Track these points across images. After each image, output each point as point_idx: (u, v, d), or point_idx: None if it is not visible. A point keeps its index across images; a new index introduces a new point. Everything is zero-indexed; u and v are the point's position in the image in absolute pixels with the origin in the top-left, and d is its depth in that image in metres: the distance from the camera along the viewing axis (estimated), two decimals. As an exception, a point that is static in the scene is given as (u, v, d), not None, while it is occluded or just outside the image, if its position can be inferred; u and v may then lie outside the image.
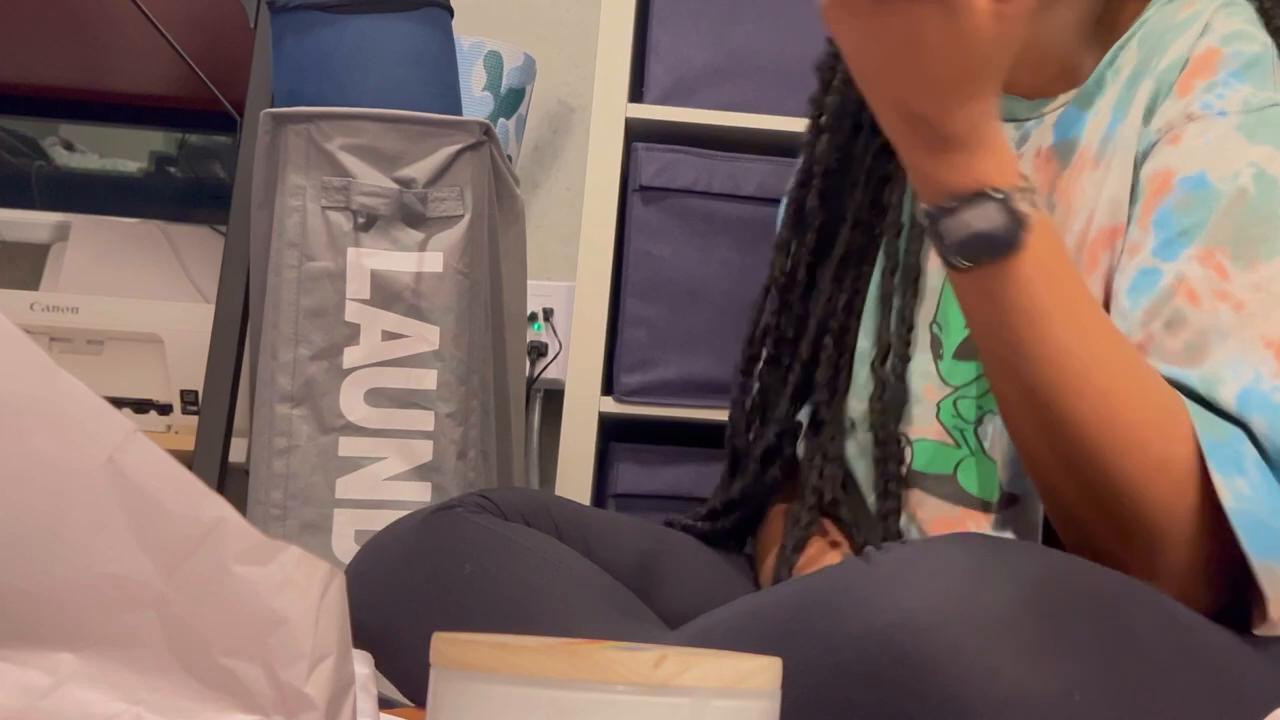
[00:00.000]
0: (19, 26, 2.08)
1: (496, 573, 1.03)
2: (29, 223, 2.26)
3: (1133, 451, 0.89)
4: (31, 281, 2.22)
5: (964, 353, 1.08)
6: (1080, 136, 1.05)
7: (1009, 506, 1.05)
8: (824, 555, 1.10)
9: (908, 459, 1.08)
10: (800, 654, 0.75)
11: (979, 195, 0.87)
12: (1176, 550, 0.91)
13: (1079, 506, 0.93)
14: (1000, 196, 0.87)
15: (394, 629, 1.02)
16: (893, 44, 0.85)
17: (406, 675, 1.02)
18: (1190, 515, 0.90)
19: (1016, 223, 0.87)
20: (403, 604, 1.04)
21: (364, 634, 1.07)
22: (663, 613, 1.04)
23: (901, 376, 1.09)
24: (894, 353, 1.09)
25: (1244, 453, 0.89)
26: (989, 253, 0.87)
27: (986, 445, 1.06)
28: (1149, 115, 1.01)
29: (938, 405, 1.08)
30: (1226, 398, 0.91)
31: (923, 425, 1.08)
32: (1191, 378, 0.92)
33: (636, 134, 1.86)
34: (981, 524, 1.06)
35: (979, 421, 1.07)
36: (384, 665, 1.07)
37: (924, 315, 1.11)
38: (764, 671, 0.59)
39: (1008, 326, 0.90)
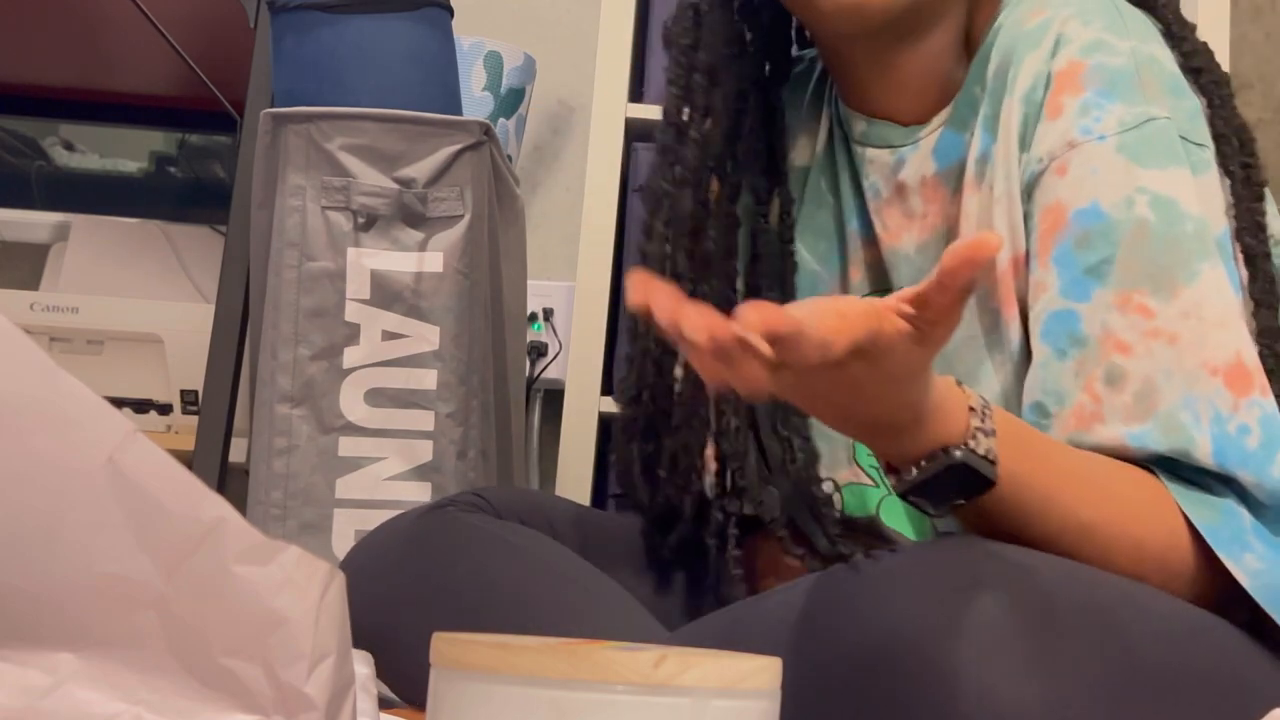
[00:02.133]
0: (19, 26, 2.08)
1: (490, 572, 1.03)
2: (29, 223, 2.26)
3: (1128, 554, 0.88)
4: (31, 281, 2.22)
5: None
6: (962, 160, 1.03)
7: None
8: None
9: (838, 504, 1.06)
10: (789, 669, 0.74)
11: (940, 454, 0.83)
12: (1211, 598, 0.90)
13: None
14: (960, 451, 0.83)
15: (387, 628, 1.01)
16: (825, 389, 0.80)
17: (400, 674, 1.02)
18: (1193, 578, 0.89)
19: (984, 465, 0.84)
20: (396, 603, 1.03)
21: (356, 632, 1.06)
22: (657, 612, 1.04)
23: (806, 436, 1.06)
24: (794, 412, 1.06)
25: (1241, 525, 0.89)
26: (968, 496, 0.85)
27: None
28: (1024, 141, 0.98)
29: (853, 447, 1.06)
30: (1203, 458, 0.89)
31: (839, 469, 1.06)
32: (1158, 440, 0.90)
33: (636, 134, 1.86)
34: None
35: None
36: (377, 664, 1.07)
37: None
38: (764, 671, 0.59)
39: (997, 529, 0.87)
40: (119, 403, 2.01)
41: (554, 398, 2.10)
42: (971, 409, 0.84)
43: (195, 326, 1.89)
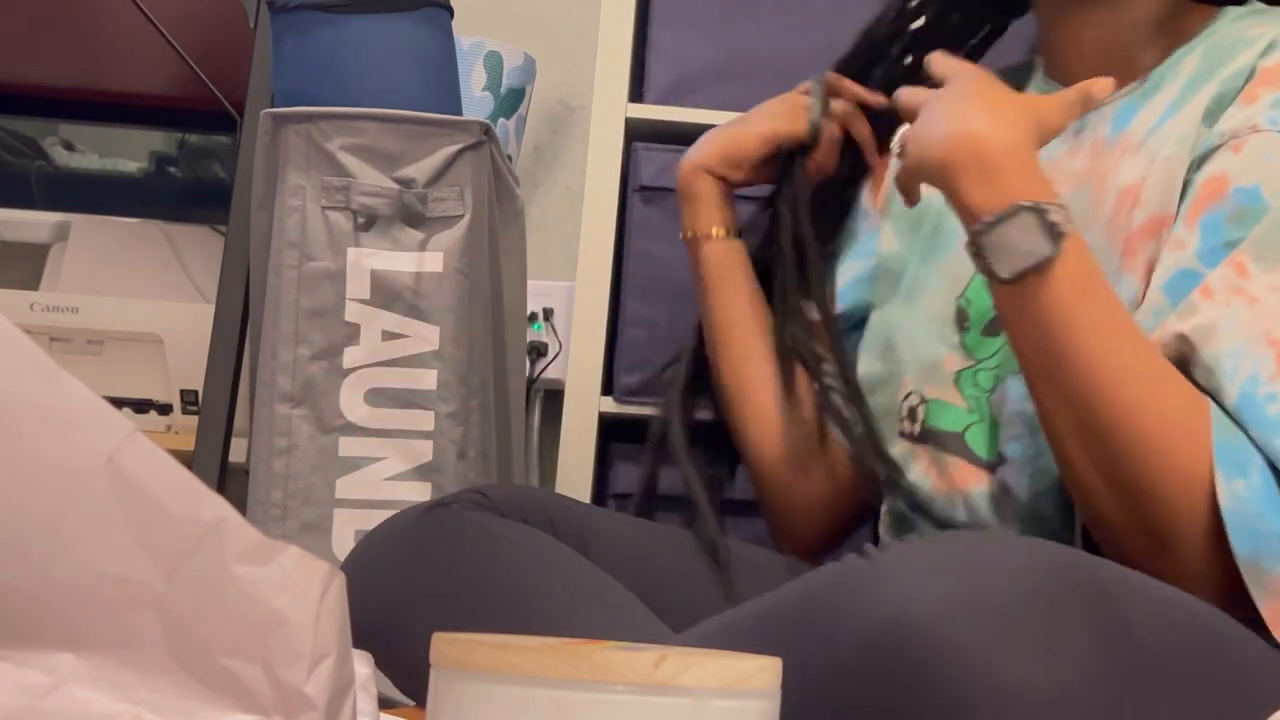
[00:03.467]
0: (19, 26, 2.08)
1: (492, 571, 1.03)
2: (29, 223, 2.26)
3: (1157, 459, 0.94)
4: (31, 281, 2.22)
5: (992, 330, 1.13)
6: (1130, 127, 1.10)
7: (1001, 465, 1.10)
8: None
9: (921, 417, 1.15)
10: (801, 653, 0.76)
11: (1015, 209, 0.95)
12: (1195, 548, 0.94)
13: (1109, 507, 0.98)
14: (1032, 207, 0.94)
15: (389, 625, 1.02)
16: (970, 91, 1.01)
17: (401, 671, 1.02)
18: (1208, 515, 0.93)
19: (1052, 233, 0.94)
20: (399, 600, 1.04)
21: (359, 630, 1.07)
22: (661, 611, 1.04)
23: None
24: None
25: (1251, 458, 0.93)
26: (1027, 261, 0.94)
27: (994, 409, 1.11)
28: (1210, 117, 1.04)
29: (957, 374, 1.14)
30: (1227, 405, 0.95)
31: (940, 388, 1.14)
32: (1199, 376, 0.96)
33: (636, 134, 1.86)
34: (982, 481, 1.10)
35: (993, 390, 1.11)
36: (379, 661, 1.07)
37: (952, 290, 1.17)
38: (764, 671, 0.59)
39: (1045, 339, 0.96)
40: (119, 403, 2.01)
41: (554, 398, 2.10)
42: (1060, 197, 0.96)
43: (195, 326, 1.89)
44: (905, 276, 1.23)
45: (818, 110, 1.28)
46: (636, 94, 1.88)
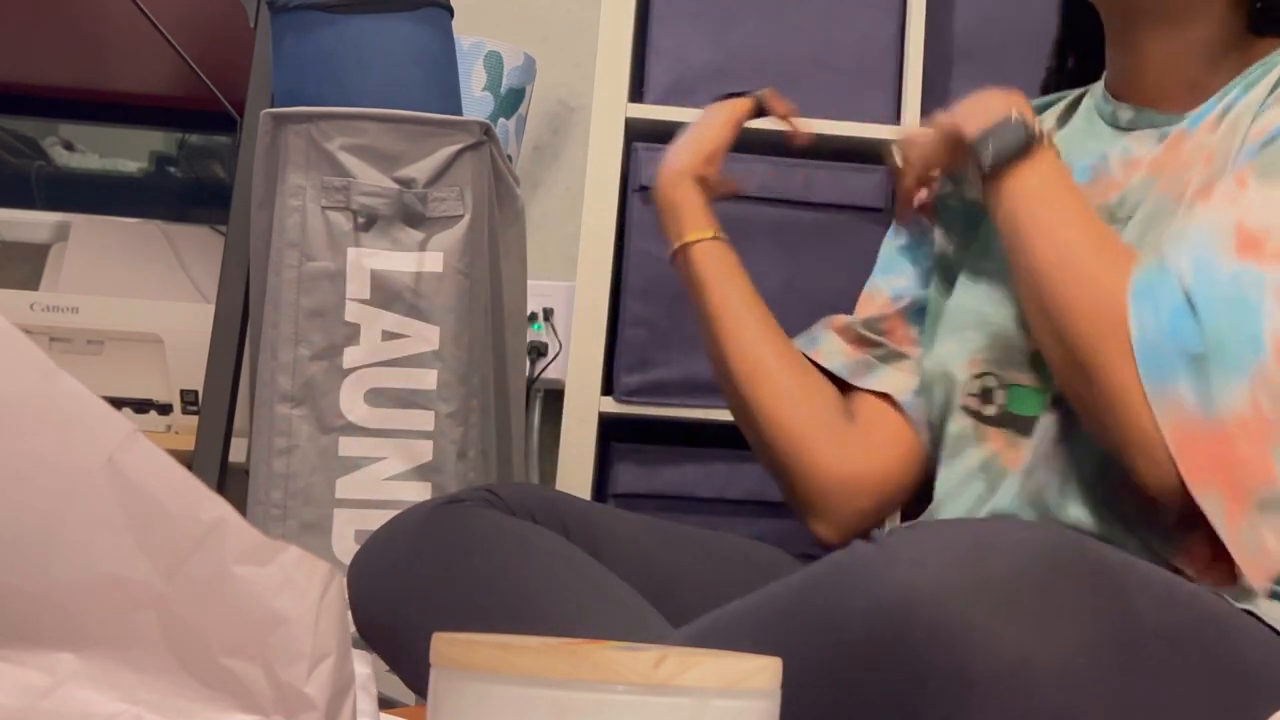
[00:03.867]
0: (19, 26, 2.08)
1: (504, 568, 1.04)
2: (29, 223, 2.26)
3: (1080, 297, 1.02)
4: (31, 281, 2.22)
5: None
6: (1208, 119, 1.14)
7: (1056, 408, 1.14)
8: None
9: (1000, 401, 1.18)
10: (804, 634, 0.76)
11: (1004, 117, 1.11)
12: (1135, 407, 0.98)
13: (1066, 373, 1.06)
14: (1016, 116, 1.10)
15: (401, 622, 1.02)
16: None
17: (412, 669, 1.03)
18: (1130, 363, 0.98)
19: (1029, 132, 1.10)
20: (409, 597, 1.04)
21: (371, 626, 1.07)
22: (669, 611, 1.04)
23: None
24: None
25: (1160, 286, 0.98)
26: (1011, 151, 1.09)
27: None
28: (1273, 88, 1.10)
29: (1034, 351, 1.16)
30: (1179, 256, 1.01)
31: (1019, 371, 1.16)
32: (1170, 249, 1.03)
33: (636, 134, 1.86)
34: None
35: None
36: (390, 658, 1.07)
37: None
38: (764, 671, 0.59)
39: (1017, 222, 1.08)
40: (119, 403, 2.01)
41: (554, 398, 2.10)
42: (1041, 131, 1.11)
43: (195, 326, 1.89)
44: (964, 267, 1.26)
45: (753, 90, 1.41)
46: (636, 94, 1.88)
